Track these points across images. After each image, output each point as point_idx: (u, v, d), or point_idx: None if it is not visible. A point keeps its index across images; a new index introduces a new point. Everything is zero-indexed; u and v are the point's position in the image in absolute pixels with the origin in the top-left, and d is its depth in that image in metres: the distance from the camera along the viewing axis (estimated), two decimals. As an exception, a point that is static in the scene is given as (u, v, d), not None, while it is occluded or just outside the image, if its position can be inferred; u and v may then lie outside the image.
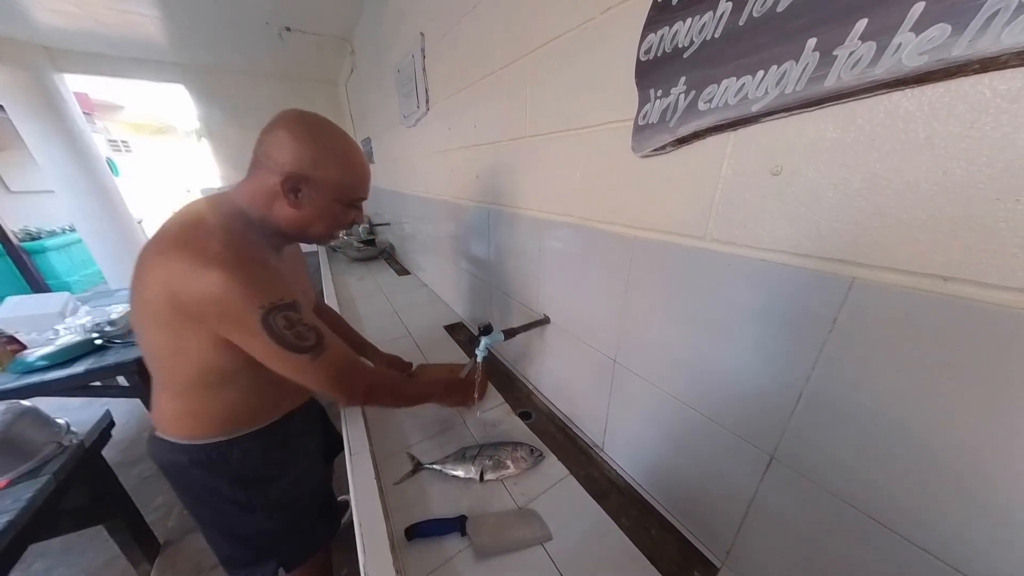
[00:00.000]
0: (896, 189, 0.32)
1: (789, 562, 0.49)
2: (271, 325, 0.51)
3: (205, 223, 0.54)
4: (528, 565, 0.59)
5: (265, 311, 0.51)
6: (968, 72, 0.27)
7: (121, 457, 1.81)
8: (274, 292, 0.53)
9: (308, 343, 0.55)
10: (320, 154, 0.57)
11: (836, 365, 0.39)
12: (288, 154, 0.55)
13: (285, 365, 0.55)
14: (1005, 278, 0.28)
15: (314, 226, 0.62)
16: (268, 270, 0.54)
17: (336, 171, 0.59)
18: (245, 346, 0.54)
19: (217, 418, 0.65)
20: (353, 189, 0.62)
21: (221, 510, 0.71)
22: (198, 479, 0.67)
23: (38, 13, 2.09)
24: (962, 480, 0.32)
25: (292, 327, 0.53)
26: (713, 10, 0.41)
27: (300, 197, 0.57)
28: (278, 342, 0.52)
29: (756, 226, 0.44)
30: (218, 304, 0.49)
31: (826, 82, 0.34)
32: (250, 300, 0.50)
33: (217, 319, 0.51)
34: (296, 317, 0.54)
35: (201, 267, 0.48)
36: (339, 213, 0.62)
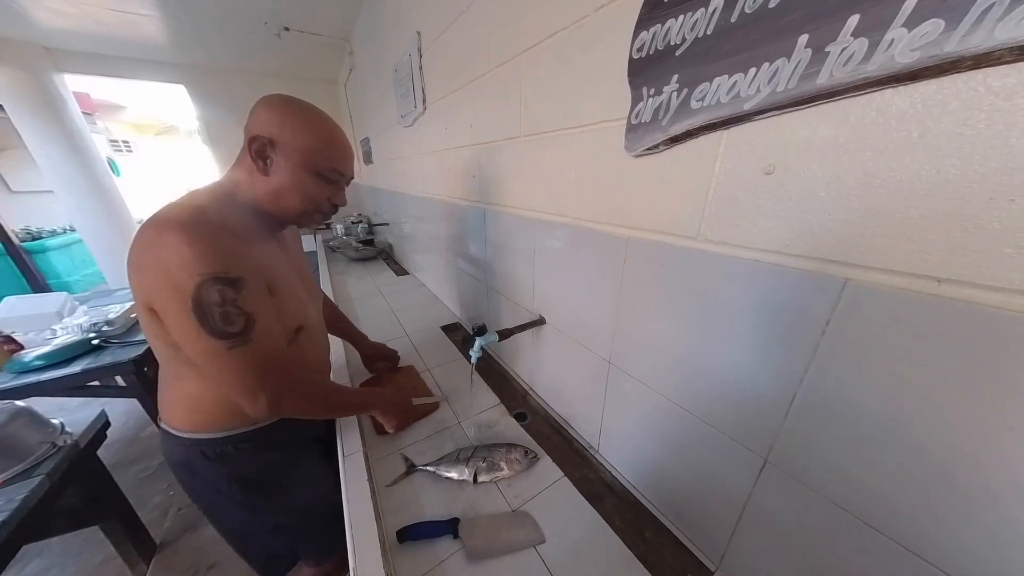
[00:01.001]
0: (889, 188, 0.32)
1: (783, 567, 0.48)
2: (201, 296, 0.47)
3: (185, 200, 0.54)
4: (520, 568, 0.59)
5: (203, 278, 0.46)
6: (961, 68, 0.27)
7: (118, 457, 1.81)
8: (222, 262, 0.48)
9: (231, 328, 0.49)
10: (287, 118, 0.56)
11: (830, 368, 0.38)
12: (257, 120, 0.56)
13: (197, 346, 0.49)
14: (998, 279, 0.27)
15: (287, 197, 0.59)
16: (229, 241, 0.51)
17: (303, 135, 0.57)
18: (166, 316, 0.49)
19: (211, 410, 0.63)
20: (322, 157, 0.59)
21: (229, 511, 0.72)
22: (199, 476, 0.67)
23: (38, 13, 2.09)
24: (956, 482, 0.31)
25: (223, 304, 0.48)
26: (705, 6, 0.41)
27: (269, 164, 0.57)
28: (198, 317, 0.47)
29: (749, 226, 0.43)
30: (164, 267, 0.46)
31: (818, 79, 0.33)
32: (192, 264, 0.46)
33: (155, 283, 0.48)
34: (231, 295, 0.49)
35: (162, 229, 0.47)
36: (310, 185, 0.60)
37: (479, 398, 1.01)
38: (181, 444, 0.64)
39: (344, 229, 2.79)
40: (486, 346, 0.82)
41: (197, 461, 0.65)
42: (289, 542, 0.79)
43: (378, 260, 2.59)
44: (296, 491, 0.76)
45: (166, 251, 0.46)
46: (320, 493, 0.79)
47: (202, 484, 0.69)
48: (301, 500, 0.77)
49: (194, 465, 0.66)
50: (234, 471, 0.67)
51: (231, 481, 0.68)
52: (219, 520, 0.76)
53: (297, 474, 0.77)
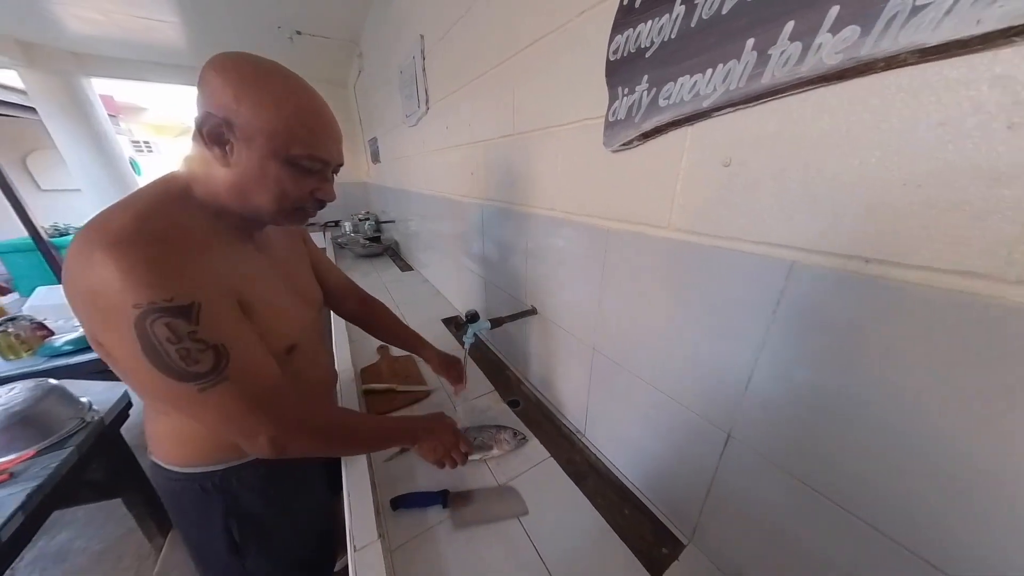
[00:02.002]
0: (825, 178, 0.35)
1: (750, 538, 0.52)
2: (146, 333, 0.37)
3: (128, 200, 0.43)
4: (504, 536, 0.63)
5: (141, 311, 0.36)
6: (876, 69, 0.30)
7: (136, 442, 1.89)
8: (164, 286, 0.38)
9: (195, 367, 0.40)
10: (243, 87, 0.41)
11: (781, 345, 0.42)
12: (206, 93, 0.42)
13: (163, 394, 0.41)
14: (914, 257, 0.30)
15: (254, 193, 0.45)
16: (176, 256, 0.40)
17: (267, 113, 0.42)
18: (115, 358, 0.42)
19: (205, 443, 0.55)
20: (296, 140, 0.44)
21: (213, 551, 0.62)
22: (190, 510, 0.59)
23: (68, 21, 2.22)
24: (893, 445, 0.34)
25: (177, 341, 0.38)
26: (669, 13, 0.44)
27: (229, 151, 0.43)
28: (152, 360, 0.38)
29: (711, 215, 0.46)
30: (90, 296, 0.37)
31: (763, 79, 0.37)
32: (125, 293, 0.36)
33: (88, 316, 0.39)
34: (184, 328, 0.39)
35: (87, 248, 0.37)
36: (285, 179, 0.45)
37: (476, 386, 1.05)
38: (174, 479, 0.56)
39: (352, 227, 2.87)
40: (479, 333, 0.86)
41: (192, 496, 0.57)
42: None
43: (384, 256, 2.67)
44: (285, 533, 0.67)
45: (93, 276, 0.36)
46: (309, 532, 0.72)
47: (193, 519, 0.60)
48: (288, 544, 0.68)
49: (187, 501, 0.58)
50: (234, 506, 0.59)
51: (229, 518, 0.59)
52: (200, 554, 0.65)
53: (295, 507, 0.68)
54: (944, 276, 0.29)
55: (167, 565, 1.27)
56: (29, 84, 2.62)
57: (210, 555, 0.64)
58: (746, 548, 0.53)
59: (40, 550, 1.36)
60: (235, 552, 0.62)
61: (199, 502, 0.58)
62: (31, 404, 0.93)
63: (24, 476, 0.86)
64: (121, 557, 1.33)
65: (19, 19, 2.19)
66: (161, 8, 2.07)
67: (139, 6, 2.06)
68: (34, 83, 2.61)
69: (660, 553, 0.61)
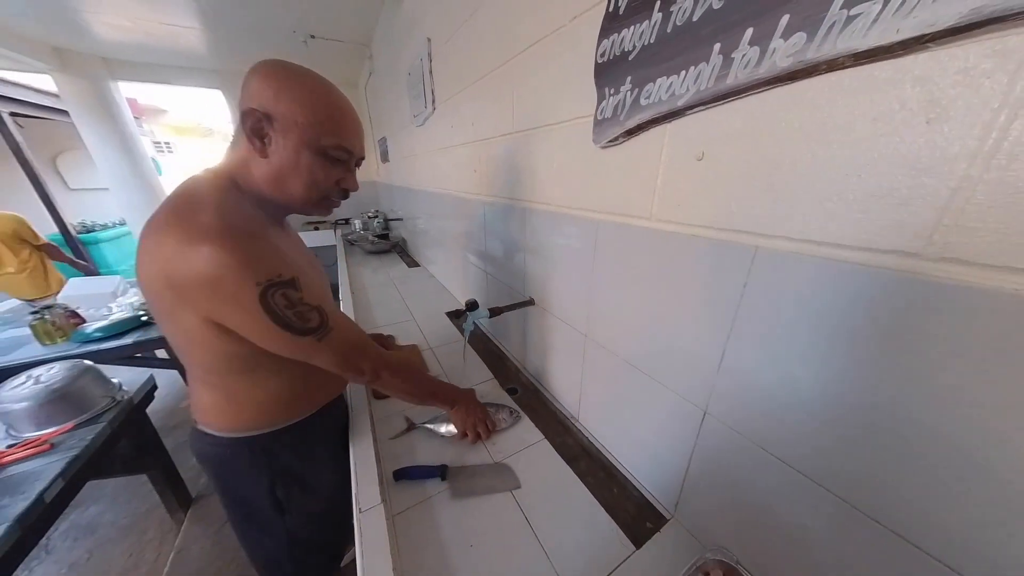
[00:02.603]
0: (783, 170, 0.39)
1: (729, 511, 0.55)
2: (270, 304, 0.47)
3: (196, 196, 0.49)
4: (497, 507, 0.68)
5: (263, 288, 0.46)
6: (821, 71, 0.33)
7: (160, 424, 2.01)
8: (271, 267, 0.47)
9: (311, 324, 0.51)
10: (282, 86, 0.49)
11: (745, 324, 0.45)
12: (251, 92, 0.49)
13: (289, 347, 0.52)
14: (857, 240, 0.34)
15: (290, 182, 0.53)
16: (263, 243, 0.48)
17: (302, 106, 0.50)
18: (242, 329, 0.49)
19: (258, 407, 0.62)
20: (326, 132, 0.52)
21: (258, 509, 0.68)
22: (239, 474, 0.66)
23: (98, 28, 2.35)
24: (860, 419, 0.38)
25: (293, 307, 0.49)
26: (649, 19, 0.48)
27: (268, 144, 0.50)
28: (279, 323, 0.48)
29: (687, 205, 0.50)
30: (210, 283, 0.45)
31: (728, 80, 0.40)
32: (245, 276, 0.45)
33: (209, 300, 0.46)
34: (296, 296, 0.49)
35: (190, 243, 0.44)
36: (315, 166, 0.53)
37: (476, 374, 1.10)
38: (223, 444, 0.63)
39: (362, 224, 2.96)
40: (478, 322, 0.91)
41: (242, 459, 0.64)
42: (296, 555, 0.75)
43: (392, 253, 2.74)
44: (319, 492, 0.74)
45: (207, 265, 0.44)
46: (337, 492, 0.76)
47: (241, 481, 0.67)
48: (321, 502, 0.75)
49: (237, 464, 0.65)
50: (277, 465, 0.66)
51: (274, 476, 0.66)
52: (244, 517, 0.72)
53: (324, 467, 0.75)
54: (882, 256, 0.32)
55: (187, 539, 1.36)
56: (62, 87, 2.78)
57: (254, 515, 0.70)
58: (726, 522, 0.56)
59: (72, 521, 1.47)
60: (278, 510, 0.69)
61: (248, 464, 0.65)
62: (69, 382, 1.02)
63: (63, 447, 0.94)
64: (145, 530, 1.42)
65: (54, 26, 2.33)
66: (185, 15, 2.18)
67: (165, 13, 2.17)
68: (66, 86, 2.76)
69: (644, 527, 0.64)
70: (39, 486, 0.82)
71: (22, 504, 0.77)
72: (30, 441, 0.94)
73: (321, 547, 0.79)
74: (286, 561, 0.75)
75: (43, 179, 4.05)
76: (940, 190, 0.28)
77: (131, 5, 2.07)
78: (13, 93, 3.74)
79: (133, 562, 1.31)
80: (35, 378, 1.01)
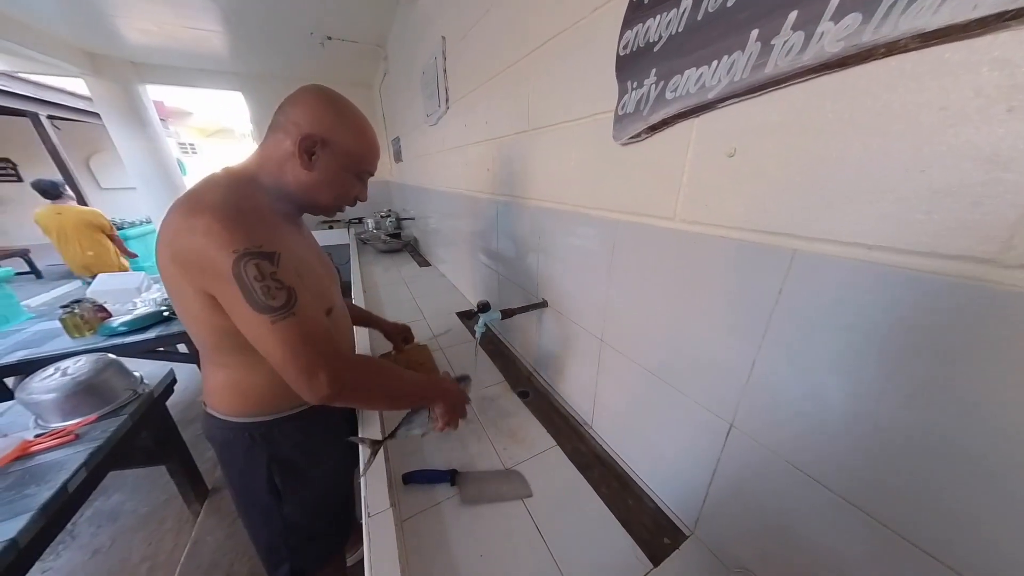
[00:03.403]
0: (828, 165, 0.35)
1: (754, 531, 0.51)
2: (239, 271, 0.46)
3: (210, 183, 0.54)
4: (507, 515, 0.66)
5: (238, 255, 0.46)
6: (877, 56, 0.30)
7: (179, 417, 2.05)
8: (253, 237, 0.48)
9: (273, 302, 0.48)
10: (338, 121, 0.58)
11: (779, 334, 0.42)
12: (308, 117, 0.56)
13: (247, 323, 0.49)
14: (917, 243, 0.30)
15: (323, 192, 0.61)
16: (256, 218, 0.50)
17: (351, 139, 0.59)
18: (222, 301, 0.49)
19: (259, 393, 0.64)
20: (363, 160, 0.63)
21: (256, 494, 0.70)
22: (240, 458, 0.68)
23: (128, 33, 2.44)
24: (897, 444, 0.34)
25: (262, 279, 0.47)
26: (677, 7, 0.45)
27: (314, 160, 0.57)
28: (242, 291, 0.47)
29: (716, 205, 0.47)
30: (199, 250, 0.47)
31: (766, 69, 0.37)
32: (225, 241, 0.46)
33: (200, 270, 0.48)
34: (269, 268, 0.48)
35: (192, 216, 0.47)
36: (347, 183, 0.63)
37: (487, 375, 1.09)
38: (227, 427, 0.65)
39: (374, 223, 2.99)
40: (489, 323, 0.89)
41: (241, 444, 0.66)
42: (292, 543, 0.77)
43: (404, 252, 2.76)
44: (316, 482, 0.75)
45: (199, 236, 0.46)
46: (335, 483, 0.80)
47: (241, 465, 0.69)
48: (318, 492, 0.76)
49: (237, 447, 0.67)
50: (276, 453, 0.68)
51: (271, 463, 0.68)
52: (245, 501, 0.74)
53: (323, 458, 0.76)
54: (947, 262, 0.29)
55: (203, 530, 1.39)
56: (94, 91, 2.90)
57: (253, 499, 0.72)
58: (750, 542, 0.53)
59: (96, 509, 1.52)
60: (276, 496, 0.71)
61: (247, 449, 0.67)
62: (94, 375, 1.05)
63: (87, 437, 0.97)
64: (164, 520, 1.46)
65: (87, 31, 2.43)
66: (209, 19, 2.24)
67: (189, 17, 2.23)
68: (98, 90, 2.88)
69: (662, 543, 0.61)
70: (63, 475, 0.84)
71: (47, 493, 0.79)
72: (57, 431, 0.97)
73: (318, 536, 0.80)
74: (283, 547, 0.76)
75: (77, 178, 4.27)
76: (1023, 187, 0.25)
77: (158, 10, 2.14)
78: (50, 96, 3.95)
79: (152, 551, 1.34)
80: (63, 370, 1.04)
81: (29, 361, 1.37)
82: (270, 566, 0.80)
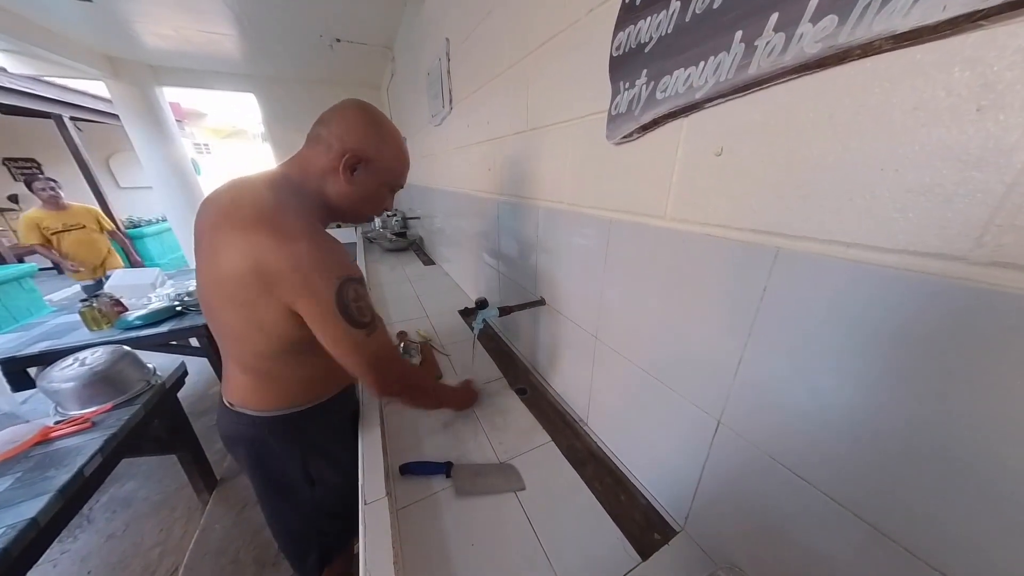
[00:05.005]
0: (809, 165, 0.36)
1: (743, 527, 0.52)
2: (342, 296, 0.54)
3: (275, 200, 0.56)
4: (500, 507, 0.67)
5: (341, 282, 0.54)
6: (853, 56, 0.31)
7: (189, 409, 2.12)
8: (349, 266, 0.56)
9: (365, 319, 0.57)
10: (380, 140, 0.62)
11: (765, 331, 0.42)
12: (356, 135, 0.60)
13: (340, 337, 0.56)
14: (891, 241, 0.31)
15: (361, 205, 0.65)
16: (339, 245, 0.58)
17: (391, 158, 0.64)
18: (308, 315, 0.55)
19: (299, 387, 0.69)
20: (399, 176, 0.68)
21: (291, 483, 0.75)
22: (273, 451, 0.71)
23: (147, 38, 2.53)
24: (892, 439, 0.35)
25: (358, 300, 0.56)
26: (667, 8, 0.46)
27: (356, 175, 0.61)
28: (343, 313, 0.54)
29: (704, 203, 0.48)
30: (301, 273, 0.52)
31: (750, 70, 0.38)
32: (331, 270, 0.53)
33: (294, 288, 0.53)
34: (363, 292, 0.57)
35: (287, 240, 0.51)
36: (384, 196, 0.68)
37: (485, 372, 1.10)
38: (258, 423, 0.68)
39: (381, 222, 3.03)
40: (488, 319, 0.90)
41: (279, 435, 0.70)
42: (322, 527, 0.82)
43: (409, 251, 2.79)
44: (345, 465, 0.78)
45: (300, 259, 0.52)
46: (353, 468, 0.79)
47: (278, 456, 0.72)
48: (345, 473, 0.79)
49: (273, 440, 0.70)
50: (311, 440, 0.73)
51: (307, 451, 0.73)
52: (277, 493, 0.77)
53: (349, 441, 0.80)
54: (921, 259, 0.29)
55: (212, 518, 1.43)
56: (113, 93, 3.01)
57: (288, 489, 0.77)
58: (739, 538, 0.53)
59: (112, 495, 1.59)
60: (310, 483, 0.77)
61: (283, 440, 0.72)
62: (110, 365, 1.10)
63: (103, 425, 1.01)
64: (175, 508, 1.51)
65: (108, 36, 2.52)
66: (223, 23, 2.30)
67: (205, 22, 2.30)
68: (118, 92, 2.98)
69: (651, 538, 0.62)
70: (80, 460, 0.88)
71: (65, 476, 0.83)
72: (75, 419, 1.01)
73: (341, 516, 0.85)
74: (313, 534, 0.82)
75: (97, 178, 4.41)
76: (993, 185, 0.25)
77: (175, 15, 2.21)
78: (74, 99, 4.10)
79: (163, 536, 1.39)
80: (81, 360, 1.09)
81: (50, 352, 1.43)
82: (297, 557, 0.84)
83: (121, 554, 1.33)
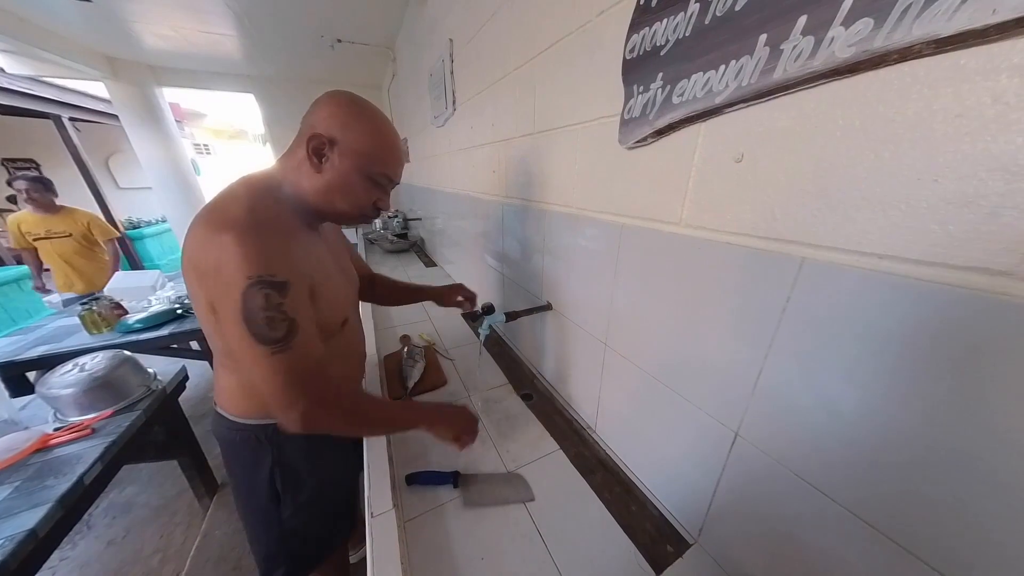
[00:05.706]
0: (837, 173, 0.34)
1: (759, 542, 0.51)
2: (248, 301, 0.46)
3: (235, 193, 0.53)
4: (509, 519, 0.66)
5: (250, 283, 0.46)
6: (890, 61, 0.29)
7: (190, 413, 2.10)
8: (269, 265, 0.47)
9: (274, 334, 0.47)
10: (349, 120, 0.55)
11: (787, 343, 0.41)
12: (321, 116, 0.55)
13: (244, 350, 0.48)
14: (926, 254, 0.30)
15: (335, 197, 0.57)
16: (277, 241, 0.50)
17: (362, 138, 0.55)
18: (222, 318, 0.48)
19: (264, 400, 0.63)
20: (377, 161, 0.58)
21: (258, 497, 0.70)
22: (245, 458, 0.68)
23: (146, 38, 2.51)
24: (900, 457, 0.33)
25: (267, 309, 0.47)
26: (684, 11, 0.45)
27: (324, 162, 0.55)
28: (245, 320, 0.46)
29: (722, 211, 0.46)
30: (216, 268, 0.46)
31: (775, 74, 0.37)
32: (241, 267, 0.45)
33: (214, 285, 0.48)
34: (276, 300, 0.47)
35: (216, 231, 0.46)
36: (360, 187, 0.58)
37: (491, 378, 1.09)
38: (234, 428, 0.66)
39: (381, 223, 3.01)
40: (494, 325, 0.89)
41: (248, 445, 0.66)
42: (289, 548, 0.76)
43: (410, 252, 2.78)
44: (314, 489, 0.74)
45: (221, 253, 0.46)
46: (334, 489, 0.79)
47: (246, 466, 0.69)
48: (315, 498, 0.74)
49: (243, 448, 0.67)
50: (279, 457, 0.68)
51: (274, 466, 0.68)
52: (246, 503, 0.74)
53: (325, 464, 0.75)
54: (958, 273, 0.28)
55: (213, 524, 1.42)
56: (113, 94, 2.99)
57: (254, 501, 0.72)
58: (756, 553, 0.52)
59: (112, 500, 1.57)
60: (275, 500, 0.71)
61: (252, 450, 0.67)
62: (110, 371, 1.08)
63: (102, 432, 1.00)
64: (175, 513, 1.50)
65: (107, 36, 2.50)
66: (223, 23, 2.29)
67: (205, 22, 2.29)
68: (117, 92, 2.97)
69: (664, 550, 0.61)
70: (80, 468, 0.87)
71: (64, 485, 0.82)
72: (74, 425, 1.00)
73: (312, 539, 0.79)
74: (280, 553, 0.75)
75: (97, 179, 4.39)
76: (1043, 198, 0.24)
77: (175, 15, 2.19)
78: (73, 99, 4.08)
79: (164, 543, 1.38)
80: (80, 366, 1.08)
81: (50, 356, 1.42)
82: (266, 572, 0.78)
83: (121, 561, 1.31)
